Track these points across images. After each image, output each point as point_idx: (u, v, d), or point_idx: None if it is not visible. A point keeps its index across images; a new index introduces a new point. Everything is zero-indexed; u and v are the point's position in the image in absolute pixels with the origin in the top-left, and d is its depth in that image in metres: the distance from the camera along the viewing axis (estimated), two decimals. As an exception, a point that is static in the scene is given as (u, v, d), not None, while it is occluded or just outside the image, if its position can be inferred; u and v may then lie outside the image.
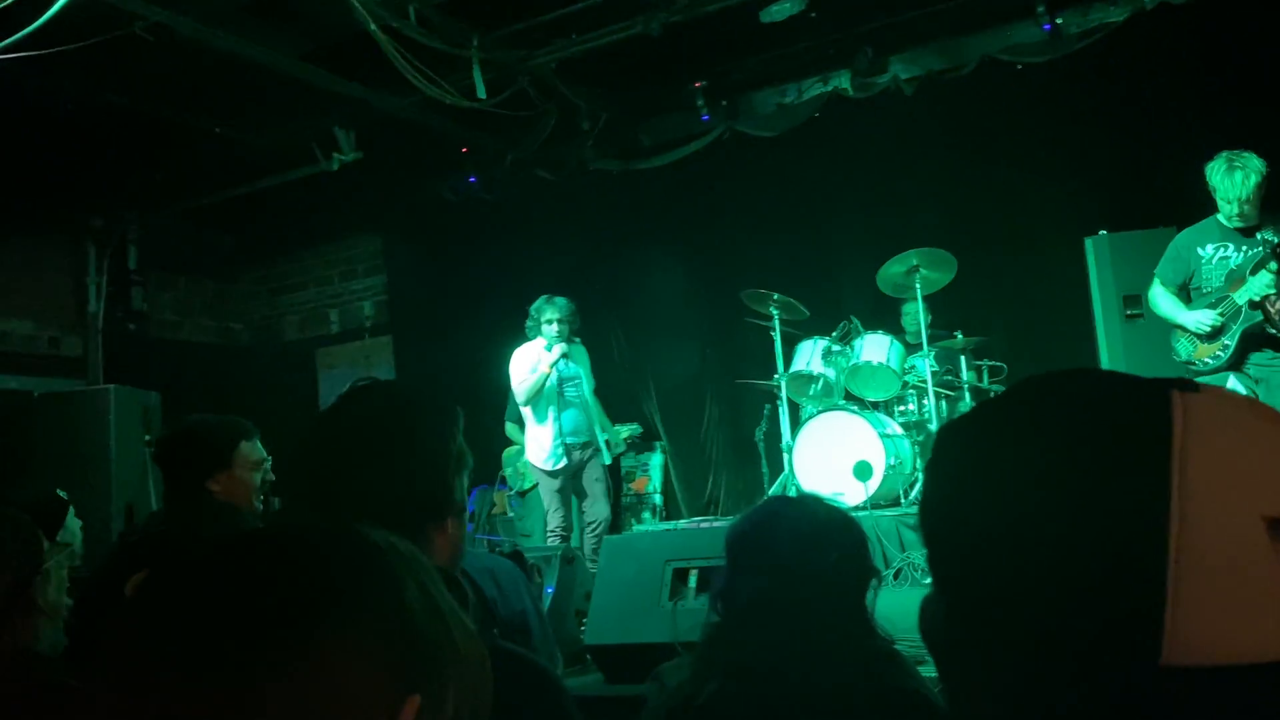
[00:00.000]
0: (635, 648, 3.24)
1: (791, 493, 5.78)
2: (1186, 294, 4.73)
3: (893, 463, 5.59)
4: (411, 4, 5.69)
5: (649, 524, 7.24)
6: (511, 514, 7.48)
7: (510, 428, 7.14)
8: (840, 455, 5.61)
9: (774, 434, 6.35)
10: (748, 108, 7.50)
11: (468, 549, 2.58)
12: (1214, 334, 4.58)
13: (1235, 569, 0.57)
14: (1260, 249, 4.47)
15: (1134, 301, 5.75)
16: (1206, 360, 4.62)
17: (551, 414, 6.04)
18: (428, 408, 1.43)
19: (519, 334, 8.25)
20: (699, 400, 7.90)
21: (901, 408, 6.10)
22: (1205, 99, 5.96)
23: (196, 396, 7.73)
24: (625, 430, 6.92)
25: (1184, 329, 4.69)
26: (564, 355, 6.00)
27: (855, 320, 6.27)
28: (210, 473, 2.85)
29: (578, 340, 6.26)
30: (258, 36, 5.87)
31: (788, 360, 6.18)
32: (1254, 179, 4.43)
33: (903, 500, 5.73)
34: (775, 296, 6.12)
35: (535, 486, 6.55)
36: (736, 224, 7.72)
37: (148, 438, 5.71)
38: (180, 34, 5.48)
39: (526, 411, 6.14)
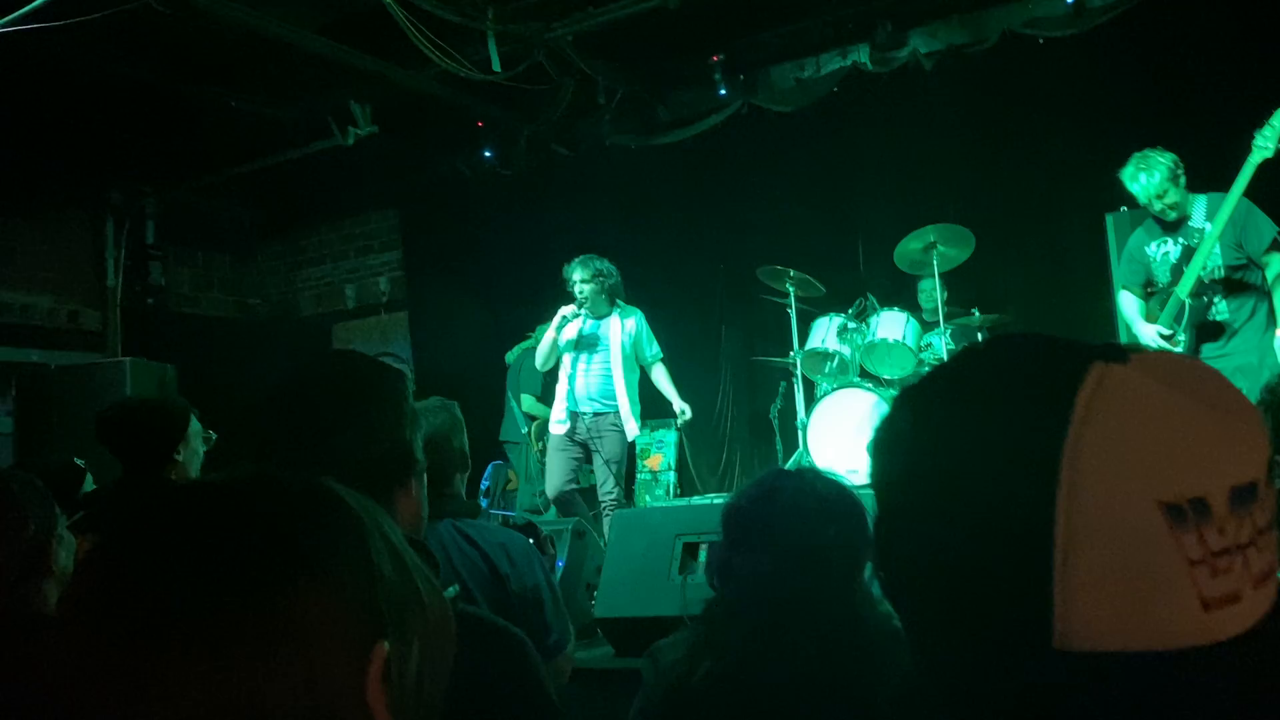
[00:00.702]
0: (644, 621, 3.24)
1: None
2: (1148, 294, 4.69)
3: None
4: (426, -24, 5.66)
5: (662, 501, 7.24)
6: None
7: (527, 400, 7.13)
8: (854, 433, 5.58)
9: (789, 411, 6.33)
10: (766, 82, 7.43)
11: (482, 523, 2.58)
12: (1171, 331, 4.51)
13: (1127, 555, 0.55)
14: (1195, 237, 4.42)
15: (1155, 278, 5.68)
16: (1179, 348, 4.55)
17: (564, 378, 5.86)
18: (379, 370, 1.48)
19: (535, 309, 8.25)
20: (714, 377, 7.88)
21: (917, 386, 6.06)
22: (1229, 72, 5.86)
23: (213, 370, 7.78)
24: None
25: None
26: (577, 315, 5.75)
27: (871, 297, 6.23)
28: (175, 444, 2.98)
29: (620, 304, 6.00)
30: (274, 9, 5.86)
31: (803, 337, 6.15)
32: (1159, 173, 4.41)
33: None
34: (791, 273, 6.08)
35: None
36: (753, 199, 7.66)
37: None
38: (196, 6, 5.47)
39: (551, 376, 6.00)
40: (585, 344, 5.85)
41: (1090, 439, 0.56)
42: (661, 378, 6.11)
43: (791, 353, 6.14)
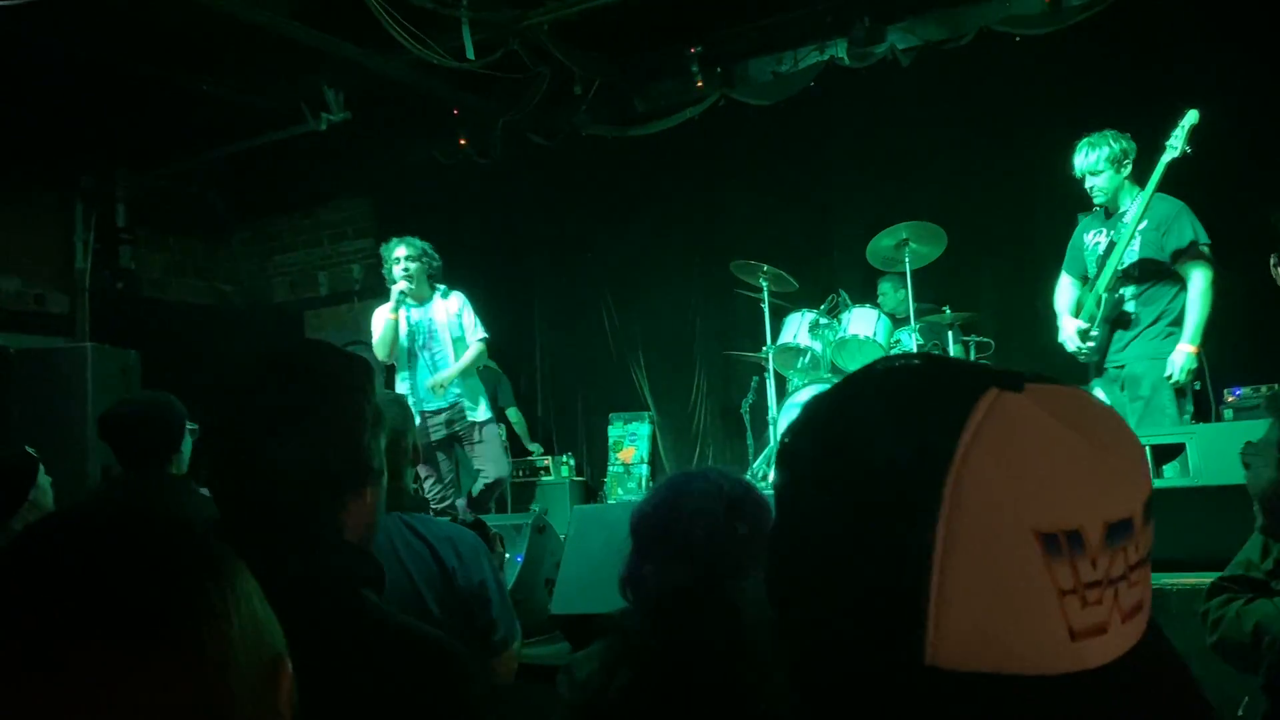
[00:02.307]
0: (601, 618, 3.21)
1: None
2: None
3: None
4: (399, -39, 5.60)
5: (634, 494, 7.22)
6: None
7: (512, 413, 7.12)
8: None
9: (761, 406, 6.32)
10: (743, 75, 7.40)
11: (429, 517, 2.55)
12: (1089, 325, 4.46)
13: (1001, 578, 0.56)
14: (1121, 230, 4.35)
15: (1125, 280, 5.69)
16: (1084, 350, 4.50)
17: (405, 375, 5.36)
18: (342, 369, 1.36)
19: (509, 299, 8.22)
20: (689, 371, 7.87)
21: (888, 382, 6.06)
22: (1205, 74, 5.87)
23: (184, 357, 7.69)
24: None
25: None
26: (405, 294, 5.26)
27: (844, 293, 6.22)
28: (176, 447, 3.09)
29: (443, 287, 5.53)
30: (246, -7, 5.79)
31: (776, 332, 6.14)
32: (1100, 152, 4.34)
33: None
34: (765, 268, 6.06)
35: None
36: (729, 193, 7.65)
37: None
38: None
39: (392, 371, 5.45)
40: (415, 333, 5.37)
41: (975, 462, 0.57)
42: (469, 356, 5.44)
43: (764, 348, 6.13)
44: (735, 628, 1.50)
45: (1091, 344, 4.43)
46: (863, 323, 5.84)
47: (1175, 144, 4.23)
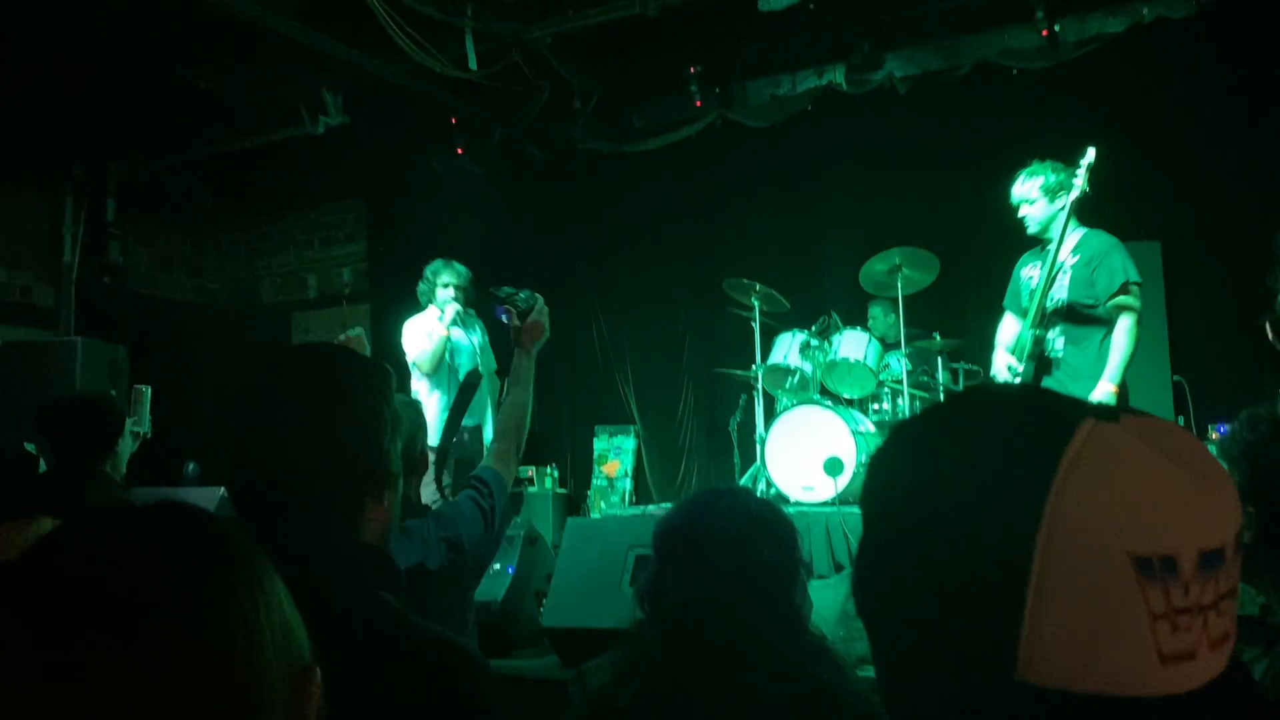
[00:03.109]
0: (593, 632, 3.22)
1: (761, 484, 5.78)
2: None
3: (864, 460, 5.58)
4: (406, -32, 5.61)
5: (616, 509, 7.22)
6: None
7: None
8: (812, 449, 5.60)
9: (748, 424, 6.34)
10: (741, 96, 7.45)
11: (425, 521, 2.54)
12: (1018, 361, 4.35)
13: (1095, 598, 0.58)
14: (1054, 265, 4.23)
15: (1114, 313, 5.76)
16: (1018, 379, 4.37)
17: (437, 397, 5.48)
18: (359, 372, 1.37)
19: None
20: (676, 386, 7.89)
21: (876, 406, 6.10)
22: (1198, 114, 5.98)
23: (168, 353, 7.66)
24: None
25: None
26: (459, 322, 5.50)
27: (835, 315, 6.26)
28: (113, 442, 3.17)
29: (473, 313, 5.76)
30: (250, -9, 5.78)
31: (766, 352, 6.17)
32: (1034, 180, 4.26)
33: (872, 498, 5.72)
34: (757, 287, 6.10)
35: None
36: (723, 212, 7.70)
37: (113, 392, 5.64)
38: (170, -17, 5.39)
39: (422, 386, 5.57)
40: (457, 352, 5.57)
41: (1074, 486, 0.59)
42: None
43: (753, 366, 6.16)
44: (752, 645, 1.52)
45: (1018, 380, 4.30)
46: (853, 346, 5.88)
47: (1076, 182, 4.20)
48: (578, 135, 7.61)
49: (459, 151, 8.01)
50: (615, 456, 7.97)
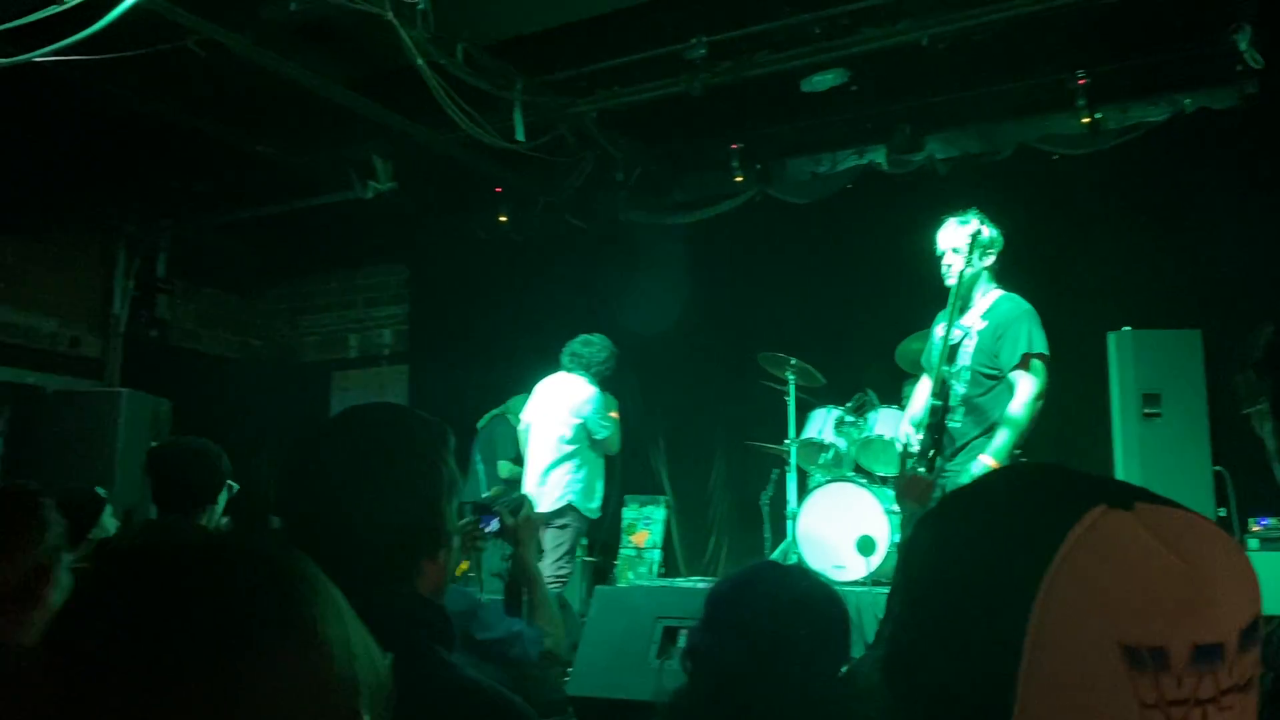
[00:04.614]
0: (619, 703, 3.20)
1: (792, 560, 5.72)
2: None
3: (897, 540, 5.53)
4: (460, 43, 5.78)
5: (645, 579, 7.17)
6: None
7: (505, 466, 7.11)
8: (844, 527, 5.56)
9: (779, 499, 6.30)
10: (781, 173, 7.54)
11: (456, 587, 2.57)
12: (919, 425, 4.07)
13: (1085, 690, 0.59)
14: (955, 329, 4.01)
15: (1153, 400, 5.72)
16: (910, 447, 4.10)
17: (603, 467, 6.05)
18: (420, 432, 1.39)
19: (534, 373, 8.28)
20: (708, 458, 7.86)
21: (910, 485, 6.05)
22: (1239, 203, 5.97)
23: (210, 408, 7.76)
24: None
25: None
26: None
27: (871, 393, 6.24)
28: (214, 498, 3.12)
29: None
30: (307, 60, 5.97)
31: (799, 426, 6.16)
32: (965, 230, 4.06)
33: (904, 579, 5.64)
34: (792, 361, 6.11)
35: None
36: (761, 286, 7.73)
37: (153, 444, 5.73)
38: (233, 52, 5.58)
39: (577, 451, 5.93)
40: None
41: (1066, 573, 0.61)
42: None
43: (786, 440, 6.14)
44: (785, 718, 1.52)
45: (919, 445, 4.03)
46: (889, 424, 5.85)
47: (970, 258, 4.00)
48: (618, 206, 7.73)
49: (502, 219, 8.15)
50: (645, 526, 7.93)
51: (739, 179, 7.36)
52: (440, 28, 5.42)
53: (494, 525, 2.45)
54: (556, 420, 5.95)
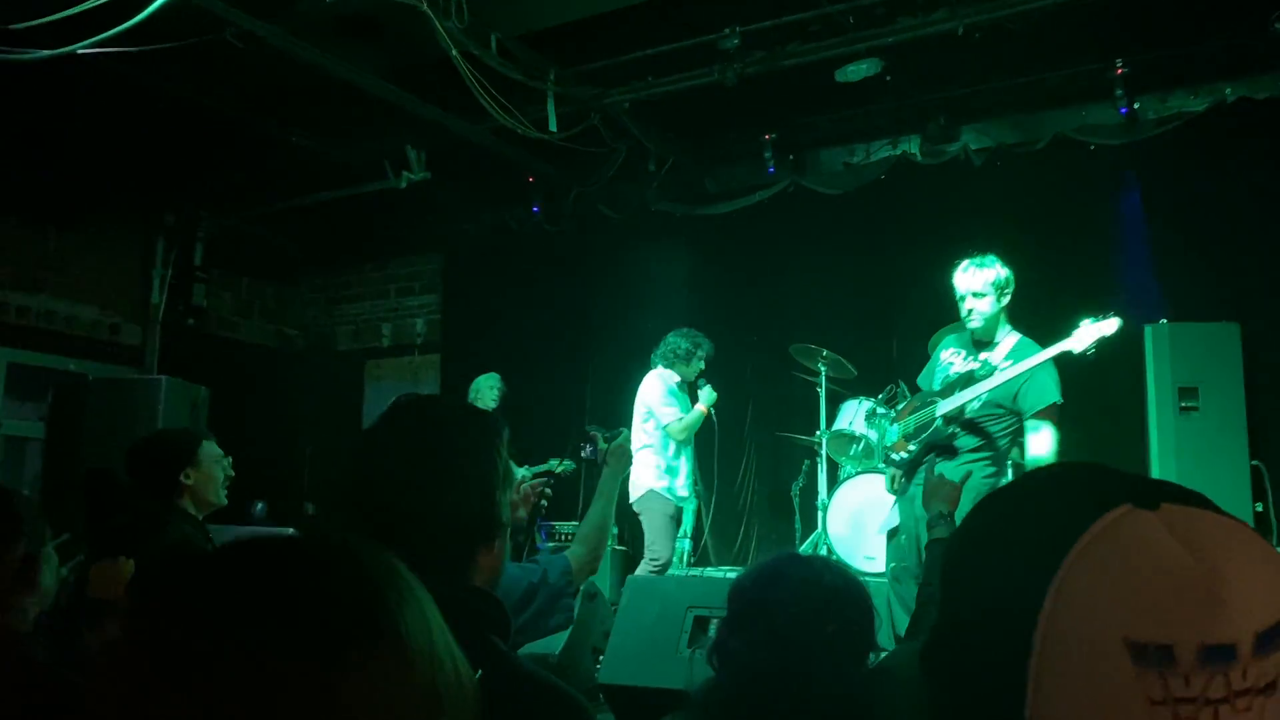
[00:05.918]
0: (649, 691, 3.22)
1: (822, 551, 5.72)
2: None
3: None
4: (494, 34, 5.81)
5: (676, 569, 7.19)
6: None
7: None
8: (874, 518, 5.55)
9: (810, 490, 6.31)
10: (815, 164, 7.52)
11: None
12: (910, 436, 4.21)
13: (1092, 683, 0.60)
14: (986, 368, 4.09)
15: (1189, 394, 5.66)
16: (896, 456, 4.29)
17: (685, 458, 6.14)
18: (475, 424, 1.43)
19: (565, 362, 8.33)
20: (739, 449, 7.86)
21: (942, 477, 6.03)
22: (1272, 196, 5.89)
23: (246, 395, 7.87)
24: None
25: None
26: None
27: (903, 385, 6.21)
28: (183, 467, 3.19)
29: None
30: (343, 52, 6.03)
31: (831, 418, 6.15)
32: (986, 274, 4.14)
33: (934, 571, 5.64)
34: (824, 353, 6.11)
35: None
36: (793, 277, 7.72)
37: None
38: (269, 44, 5.64)
39: (655, 438, 6.07)
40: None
41: (1079, 569, 0.62)
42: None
43: (818, 432, 6.14)
44: (814, 713, 1.52)
45: (907, 455, 4.19)
46: (920, 416, 5.83)
47: (1082, 347, 3.98)
48: (650, 197, 7.73)
49: (534, 209, 8.18)
50: (675, 516, 7.93)
51: (771, 170, 7.35)
52: (474, 19, 5.45)
53: (589, 452, 2.67)
54: (637, 411, 6.17)
